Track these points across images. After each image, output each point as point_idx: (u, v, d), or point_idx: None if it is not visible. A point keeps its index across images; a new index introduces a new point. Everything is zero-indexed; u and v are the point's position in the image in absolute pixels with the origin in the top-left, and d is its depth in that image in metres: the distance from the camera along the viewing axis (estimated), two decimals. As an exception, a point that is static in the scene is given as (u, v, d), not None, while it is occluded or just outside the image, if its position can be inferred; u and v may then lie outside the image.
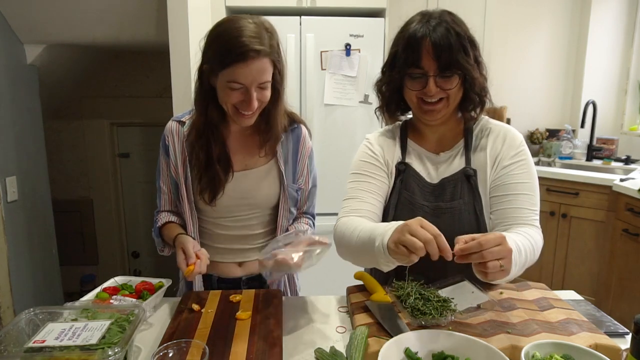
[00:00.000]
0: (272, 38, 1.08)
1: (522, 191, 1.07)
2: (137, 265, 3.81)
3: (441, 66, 1.01)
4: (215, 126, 1.16)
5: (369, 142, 1.22)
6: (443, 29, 1.01)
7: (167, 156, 1.22)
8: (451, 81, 1.04)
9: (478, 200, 1.10)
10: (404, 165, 1.16)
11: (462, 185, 1.11)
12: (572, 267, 2.77)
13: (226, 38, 1.04)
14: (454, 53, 1.01)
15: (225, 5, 2.42)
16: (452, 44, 1.00)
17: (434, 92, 1.04)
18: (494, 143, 1.12)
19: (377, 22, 2.42)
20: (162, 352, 0.80)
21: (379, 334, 0.92)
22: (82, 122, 3.45)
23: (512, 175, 1.08)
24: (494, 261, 0.81)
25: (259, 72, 1.05)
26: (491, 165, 1.11)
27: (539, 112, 3.39)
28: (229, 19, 1.08)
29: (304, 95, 2.43)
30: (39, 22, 2.31)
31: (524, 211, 1.05)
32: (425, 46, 1.01)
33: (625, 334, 0.97)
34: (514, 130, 1.14)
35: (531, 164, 1.11)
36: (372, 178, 1.16)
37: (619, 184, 2.49)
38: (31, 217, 2.46)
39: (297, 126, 1.27)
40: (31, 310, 0.90)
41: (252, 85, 1.05)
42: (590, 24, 3.22)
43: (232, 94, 1.06)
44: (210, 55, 1.08)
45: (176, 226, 1.22)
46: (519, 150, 1.10)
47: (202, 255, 1.07)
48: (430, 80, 1.03)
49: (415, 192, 1.13)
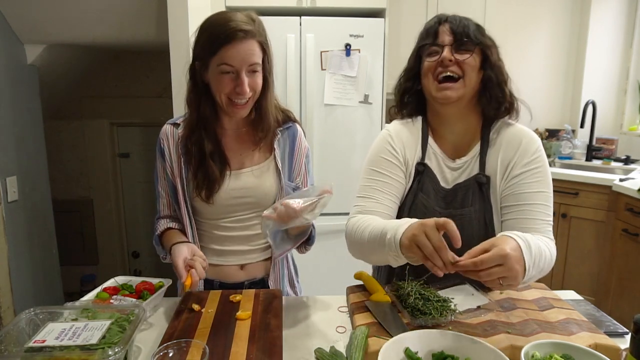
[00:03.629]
0: (260, 26, 1.11)
1: (536, 201, 1.02)
2: (137, 265, 3.81)
3: (457, 39, 1.04)
4: (208, 122, 1.17)
5: (390, 136, 1.16)
6: (461, 17, 1.07)
7: (163, 159, 1.22)
8: (466, 54, 1.04)
9: (488, 208, 1.07)
10: (422, 167, 1.12)
11: (474, 193, 1.08)
12: (572, 267, 2.77)
13: (214, 26, 1.08)
14: (470, 30, 1.04)
15: (225, 5, 2.42)
16: (469, 25, 1.06)
17: (449, 59, 1.04)
18: (507, 148, 1.08)
19: (377, 22, 2.42)
20: (162, 352, 0.80)
21: (379, 334, 0.92)
22: (82, 122, 3.45)
23: (525, 184, 1.04)
24: (492, 280, 0.79)
25: (247, 53, 1.06)
26: (502, 172, 1.07)
27: (538, 112, 3.39)
28: (217, 13, 1.12)
29: (304, 95, 2.43)
30: (39, 22, 2.30)
31: (538, 222, 1.02)
32: (443, 25, 1.07)
33: (624, 334, 0.97)
34: (530, 133, 1.10)
35: (547, 172, 1.06)
36: (390, 177, 1.12)
37: (618, 184, 2.49)
38: (31, 217, 2.46)
39: (292, 125, 1.27)
40: (31, 310, 0.90)
41: (242, 68, 1.07)
42: (590, 23, 3.22)
43: (223, 80, 1.08)
44: (199, 48, 1.11)
45: (174, 233, 1.20)
46: (533, 157, 1.06)
47: (194, 263, 1.03)
48: (446, 49, 1.04)
49: (430, 195, 1.11)
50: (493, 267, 0.78)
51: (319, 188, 0.96)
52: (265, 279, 1.29)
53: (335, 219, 2.37)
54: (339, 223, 2.34)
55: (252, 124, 1.21)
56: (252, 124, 1.21)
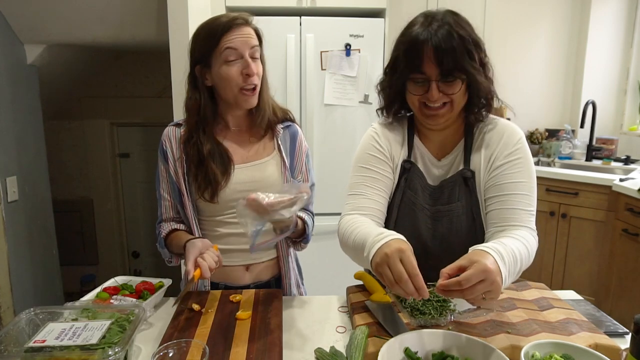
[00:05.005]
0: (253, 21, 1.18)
1: (517, 191, 1.02)
2: (137, 265, 3.81)
3: (443, 71, 0.98)
4: (206, 125, 1.19)
5: (376, 133, 1.17)
6: (445, 32, 0.97)
7: (166, 161, 1.22)
8: (454, 86, 1.00)
9: (475, 202, 1.08)
10: (409, 164, 1.13)
11: (460, 188, 1.09)
12: (572, 267, 2.77)
13: (209, 24, 1.14)
14: (457, 57, 0.97)
15: (225, 5, 2.42)
16: (455, 47, 0.96)
17: (436, 98, 1.00)
18: (490, 141, 1.08)
19: (377, 22, 2.42)
20: (162, 352, 0.80)
21: (379, 334, 0.92)
22: (82, 122, 3.45)
23: (506, 175, 1.04)
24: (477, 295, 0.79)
25: (248, 37, 1.13)
26: (485, 164, 1.08)
27: (538, 112, 3.39)
28: (209, 18, 1.18)
29: (304, 95, 2.43)
30: (39, 22, 2.31)
31: (519, 212, 1.01)
32: (427, 51, 0.97)
33: (625, 334, 0.98)
34: (512, 127, 1.10)
35: (529, 162, 1.06)
36: (378, 173, 1.13)
37: (618, 184, 2.49)
38: (31, 217, 2.46)
39: (292, 124, 1.31)
40: (31, 310, 0.90)
41: (245, 50, 1.12)
42: (590, 23, 3.22)
43: (231, 70, 1.12)
44: (198, 50, 1.15)
45: (183, 233, 1.20)
46: (515, 148, 1.05)
47: (204, 256, 1.03)
48: (433, 86, 0.99)
49: (418, 193, 1.12)
50: (476, 285, 0.77)
51: (298, 186, 0.96)
52: (271, 282, 1.29)
53: (335, 219, 2.35)
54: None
55: (252, 116, 1.23)
56: (252, 116, 1.24)
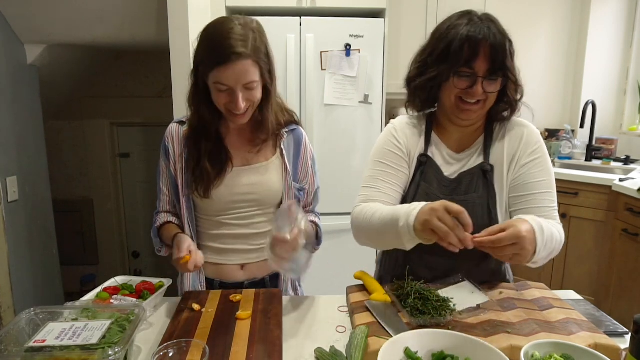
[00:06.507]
0: (258, 39, 1.09)
1: (542, 189, 1.10)
2: (137, 265, 3.81)
3: (492, 69, 1.03)
4: (208, 122, 1.18)
5: (394, 129, 1.21)
6: (498, 33, 1.04)
7: (167, 158, 1.24)
8: (495, 84, 1.05)
9: (492, 195, 1.12)
10: (425, 158, 1.17)
11: (478, 180, 1.13)
12: (572, 267, 2.77)
13: (212, 40, 1.08)
14: (505, 57, 1.04)
15: (226, 6, 2.42)
16: (506, 48, 1.04)
17: (479, 94, 1.05)
18: (512, 140, 1.14)
19: (377, 22, 2.42)
20: (162, 352, 0.80)
21: (379, 333, 0.92)
22: (82, 122, 3.45)
23: (531, 174, 1.11)
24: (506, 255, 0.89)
25: (242, 74, 1.06)
26: (508, 162, 1.13)
27: (538, 112, 3.37)
28: (218, 21, 1.11)
29: (304, 95, 2.43)
30: (39, 22, 2.30)
31: (546, 209, 1.09)
32: (484, 48, 1.02)
33: (624, 334, 0.98)
34: (531, 126, 1.17)
35: (548, 160, 1.14)
36: (393, 168, 1.17)
37: (618, 184, 2.49)
38: (31, 217, 2.46)
39: (297, 128, 1.29)
40: (31, 310, 0.90)
41: (237, 86, 1.07)
42: (590, 23, 3.22)
43: (220, 95, 1.10)
44: (199, 57, 1.12)
45: (175, 227, 1.24)
46: (536, 147, 1.13)
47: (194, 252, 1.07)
48: (479, 82, 1.04)
49: (433, 184, 1.15)
50: (507, 246, 0.87)
51: (284, 209, 1.02)
52: (266, 280, 1.29)
53: (335, 219, 2.37)
54: (339, 223, 2.34)
55: (255, 126, 1.21)
56: (254, 125, 1.21)
